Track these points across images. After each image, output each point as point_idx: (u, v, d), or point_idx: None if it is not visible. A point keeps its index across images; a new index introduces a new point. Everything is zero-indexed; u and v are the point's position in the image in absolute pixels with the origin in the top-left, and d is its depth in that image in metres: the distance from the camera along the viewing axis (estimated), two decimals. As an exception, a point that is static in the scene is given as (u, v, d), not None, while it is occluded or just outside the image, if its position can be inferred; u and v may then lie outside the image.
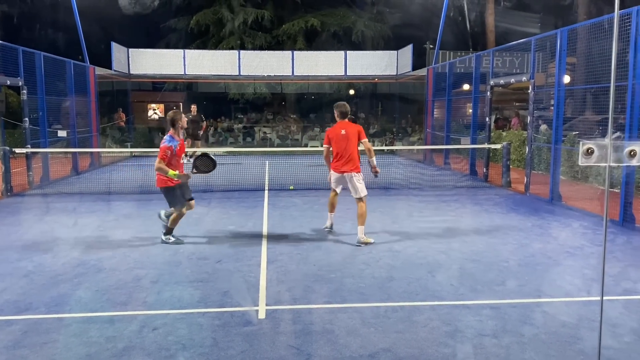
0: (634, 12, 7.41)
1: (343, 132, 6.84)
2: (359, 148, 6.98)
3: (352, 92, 27.67)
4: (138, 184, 11.83)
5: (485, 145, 12.55)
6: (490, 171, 12.64)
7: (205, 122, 16.04)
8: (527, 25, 23.37)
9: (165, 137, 6.63)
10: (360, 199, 6.79)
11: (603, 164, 2.13)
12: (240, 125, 25.88)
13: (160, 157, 6.41)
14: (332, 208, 7.25)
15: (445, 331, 4.08)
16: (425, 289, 5.06)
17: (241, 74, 20.84)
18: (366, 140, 6.93)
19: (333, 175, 7.01)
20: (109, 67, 18.49)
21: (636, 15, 7.38)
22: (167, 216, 6.80)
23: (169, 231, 6.77)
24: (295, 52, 21.66)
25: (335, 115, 7.01)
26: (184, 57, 20.74)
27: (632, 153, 2.04)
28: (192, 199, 6.90)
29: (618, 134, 8.58)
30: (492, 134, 13.71)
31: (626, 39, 7.61)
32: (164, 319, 4.31)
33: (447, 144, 15.11)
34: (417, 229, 7.59)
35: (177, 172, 6.43)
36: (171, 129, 6.64)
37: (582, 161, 2.11)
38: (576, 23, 9.53)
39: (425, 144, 17.78)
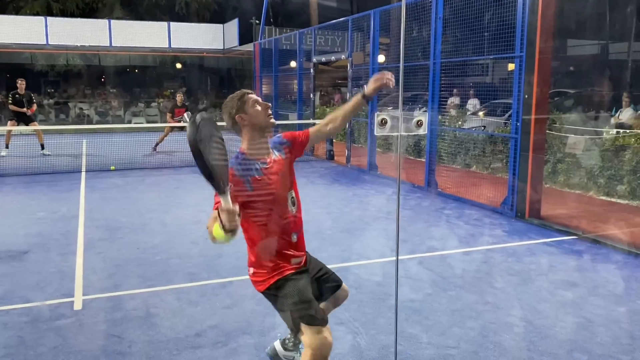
0: (434, -2, 8.19)
1: None
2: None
3: (179, 65, 26.60)
4: None
5: (310, 121, 13.03)
6: (316, 145, 13.18)
7: (35, 102, 12.69)
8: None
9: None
10: None
11: (395, 133, 2.33)
12: (51, 101, 23.35)
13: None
14: None
15: (272, 301, 4.19)
16: (253, 262, 5.13)
17: (49, 43, 18.74)
18: None
19: None
20: None
21: (435, 1, 8.17)
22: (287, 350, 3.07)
23: None
24: (112, 21, 20.08)
25: None
26: (-24, 23, 17.98)
27: (418, 123, 2.27)
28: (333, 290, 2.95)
29: (423, 109, 9.52)
30: (316, 110, 14.27)
31: (429, 21, 8.39)
32: (-44, 323, 3.76)
33: (275, 120, 15.33)
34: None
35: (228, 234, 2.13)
36: (243, 133, 2.67)
37: (377, 131, 2.29)
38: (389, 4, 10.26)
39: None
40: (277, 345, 3.07)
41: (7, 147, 12.22)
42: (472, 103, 12.46)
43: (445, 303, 4.20)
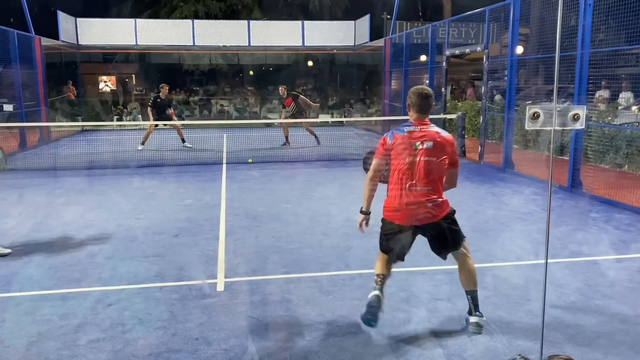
0: (583, -18, 7.55)
1: None
2: None
3: (310, 63, 27.42)
4: (89, 159, 11.50)
5: (441, 116, 12.72)
6: (447, 141, 12.81)
7: (172, 109, 13.66)
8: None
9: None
10: None
11: (548, 128, 2.19)
12: (196, 98, 25.33)
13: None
14: None
15: (401, 297, 4.18)
16: (383, 256, 5.13)
17: (195, 44, 20.28)
18: None
19: None
20: (56, 37, 17.66)
21: (585, -15, 7.53)
22: None
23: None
24: (251, 22, 21.20)
25: None
26: (135, 27, 20.00)
27: (575, 117, 2.10)
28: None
29: (568, 102, 8.83)
30: (447, 105, 13.90)
31: (576, 9, 7.77)
32: (120, 295, 4.24)
33: (404, 115, 15.22)
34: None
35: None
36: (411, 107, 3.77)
37: (528, 125, 2.17)
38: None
39: (383, 115, 17.88)
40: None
41: (143, 144, 13.15)
42: (625, 97, 11.29)
43: (591, 312, 3.87)
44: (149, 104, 13.29)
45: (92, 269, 4.83)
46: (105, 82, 25.80)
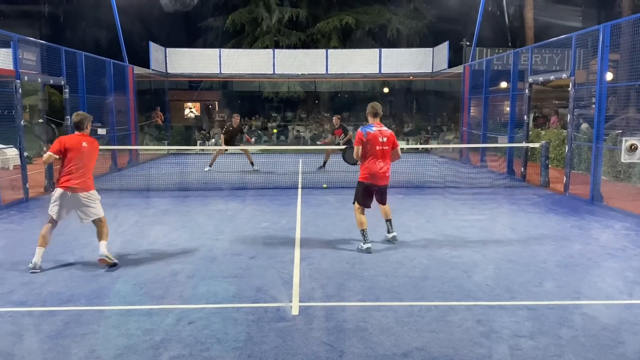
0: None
1: (84, 144, 6.01)
2: None
3: (386, 90, 27.47)
4: (175, 180, 12.07)
5: (523, 144, 12.29)
6: (528, 170, 12.35)
7: (245, 134, 14.93)
8: (568, 18, 22.76)
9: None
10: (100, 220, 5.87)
11: (648, 161, 2.07)
12: (274, 124, 26.04)
13: None
14: (45, 242, 5.65)
15: (480, 331, 4.02)
16: (460, 288, 4.99)
17: (275, 72, 20.94)
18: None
19: (58, 192, 5.87)
20: (147, 66, 18.86)
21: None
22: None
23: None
24: (329, 51, 21.63)
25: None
26: (220, 56, 20.97)
27: (679, 150, 1.97)
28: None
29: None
30: (530, 133, 13.41)
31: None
32: (200, 313, 4.38)
33: (483, 143, 14.85)
34: (452, 228, 7.49)
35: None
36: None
37: (624, 158, 2.06)
38: (620, 18, 9.21)
39: (461, 143, 17.53)
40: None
41: (210, 166, 14.10)
42: None
43: (695, 362, 3.54)
44: (222, 131, 14.62)
45: (174, 287, 5.03)
46: (190, 108, 27.14)
